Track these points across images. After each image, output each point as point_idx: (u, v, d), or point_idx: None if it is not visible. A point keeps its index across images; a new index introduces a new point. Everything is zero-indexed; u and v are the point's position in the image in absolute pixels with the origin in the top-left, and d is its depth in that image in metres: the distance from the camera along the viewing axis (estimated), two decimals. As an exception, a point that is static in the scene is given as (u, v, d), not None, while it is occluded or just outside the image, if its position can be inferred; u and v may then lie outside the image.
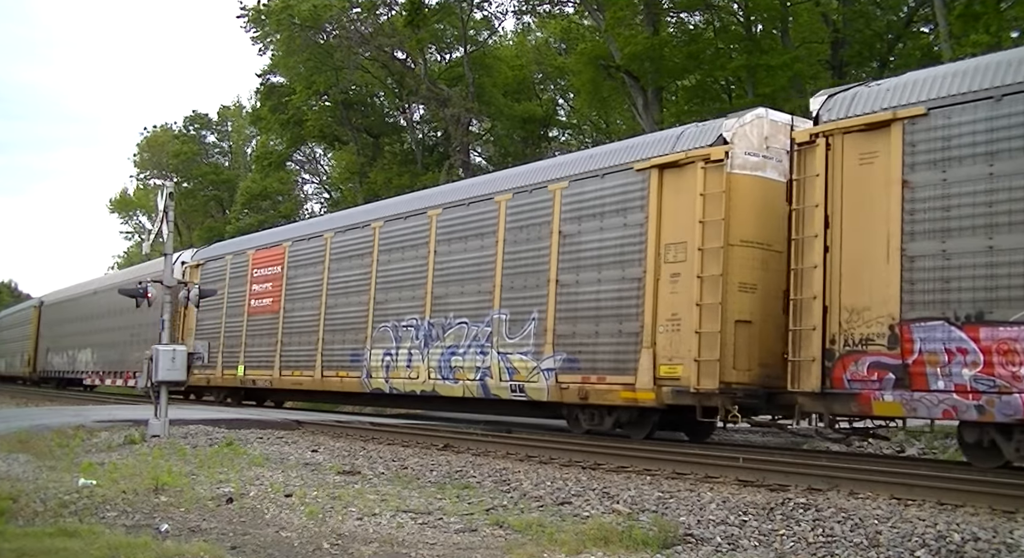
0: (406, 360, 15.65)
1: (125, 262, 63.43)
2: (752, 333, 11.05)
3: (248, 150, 53.64)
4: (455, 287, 14.94)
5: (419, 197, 17.55)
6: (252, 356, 20.49)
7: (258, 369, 20.12)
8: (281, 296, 19.65)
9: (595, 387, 12.23)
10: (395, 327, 16.02)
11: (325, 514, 6.74)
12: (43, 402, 25.27)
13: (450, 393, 14.77)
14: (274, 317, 19.79)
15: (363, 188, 37.42)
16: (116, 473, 8.47)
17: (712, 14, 27.91)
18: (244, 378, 20.67)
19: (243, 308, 21.07)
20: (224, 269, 22.43)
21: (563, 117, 41.94)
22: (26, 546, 5.41)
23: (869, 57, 27.35)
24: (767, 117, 11.69)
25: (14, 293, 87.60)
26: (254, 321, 20.63)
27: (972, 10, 17.81)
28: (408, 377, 15.56)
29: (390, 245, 16.68)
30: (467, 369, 14.29)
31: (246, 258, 21.47)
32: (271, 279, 20.25)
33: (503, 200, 14.28)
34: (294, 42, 34.52)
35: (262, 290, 20.54)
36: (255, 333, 20.54)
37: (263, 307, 20.34)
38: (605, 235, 12.49)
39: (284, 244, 20.09)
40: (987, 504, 7.00)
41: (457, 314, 14.74)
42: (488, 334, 14.01)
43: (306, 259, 19.17)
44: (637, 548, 5.63)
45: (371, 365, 16.41)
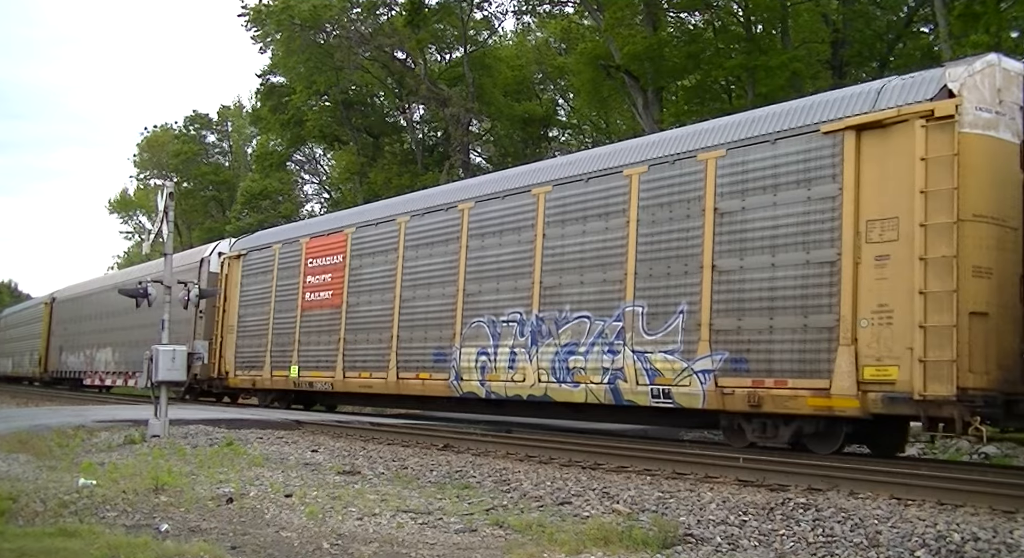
0: (507, 360, 13.74)
1: (125, 262, 63.46)
2: (988, 327, 9.16)
3: (248, 150, 53.64)
4: (572, 276, 13.04)
5: (522, 173, 15.18)
6: (308, 355, 18.56)
7: (316, 370, 18.20)
8: (343, 288, 17.67)
9: (772, 393, 10.31)
10: (492, 322, 14.13)
11: (325, 514, 6.74)
12: (43, 402, 25.24)
13: (568, 398, 12.85)
14: (335, 312, 17.85)
15: (363, 188, 37.42)
16: (116, 473, 8.47)
17: (712, 14, 27.90)
18: (299, 380, 18.71)
19: (296, 302, 19.14)
20: (271, 260, 20.42)
21: (563, 117, 41.94)
22: (26, 546, 5.40)
23: (869, 57, 27.33)
24: (999, 65, 9.70)
25: (14, 293, 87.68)
26: (309, 317, 18.68)
27: (972, 10, 17.80)
28: (511, 379, 13.65)
29: (483, 229, 14.67)
30: (591, 371, 12.42)
31: (298, 247, 19.44)
32: (330, 270, 18.23)
33: (635, 173, 12.31)
34: (294, 42, 34.52)
35: (319, 282, 18.51)
36: (311, 330, 18.59)
37: (321, 301, 18.41)
38: (780, 211, 10.52)
39: (346, 230, 18.01)
40: (987, 504, 6.99)
41: (575, 307, 12.85)
42: (618, 330, 12.14)
43: (374, 246, 17.14)
44: (637, 548, 5.63)
45: (462, 366, 14.50)
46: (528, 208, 13.92)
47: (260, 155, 45.31)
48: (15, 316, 45.54)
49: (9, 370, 43.38)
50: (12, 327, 44.78)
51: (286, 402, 20.36)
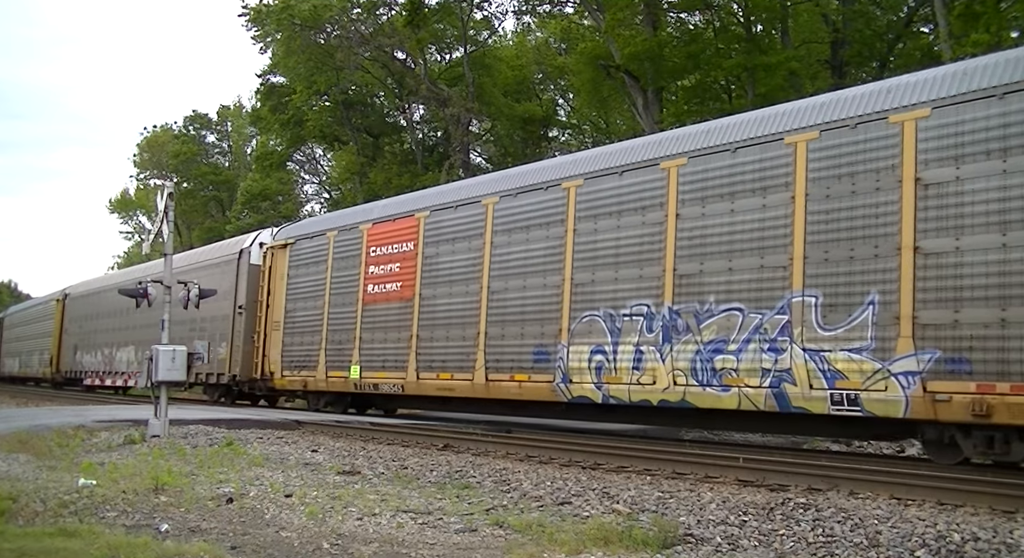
0: (631, 359, 12.02)
1: (125, 262, 63.46)
2: None
3: (248, 150, 53.65)
4: (716, 262, 11.28)
5: (646, 144, 13.05)
6: (372, 354, 16.73)
7: (382, 371, 16.36)
8: (415, 279, 15.87)
9: (1008, 400, 8.52)
10: (610, 316, 12.38)
11: (325, 514, 6.74)
12: (43, 402, 25.23)
13: (715, 404, 11.04)
14: (405, 306, 16.06)
15: (363, 188, 37.42)
16: (116, 473, 8.47)
17: (712, 14, 27.91)
18: (361, 381, 16.88)
19: (356, 295, 17.33)
20: (324, 249, 18.63)
21: (563, 117, 41.94)
22: (26, 546, 5.40)
23: (869, 57, 27.34)
24: None
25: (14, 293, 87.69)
26: (373, 311, 16.87)
27: (972, 10, 17.79)
28: (637, 382, 11.88)
29: (596, 209, 12.91)
30: (745, 372, 10.71)
31: (358, 234, 17.62)
32: (398, 258, 16.45)
33: (800, 141, 10.59)
34: (294, 42, 34.51)
35: (384, 273, 16.72)
36: (374, 326, 16.78)
37: (387, 294, 16.59)
38: (1013, 181, 8.80)
39: (418, 215, 16.21)
40: (987, 504, 7.01)
41: (722, 298, 11.14)
42: (782, 324, 10.45)
43: (454, 232, 15.31)
44: (637, 548, 5.63)
45: (570, 366, 12.76)
46: (655, 184, 12.09)
47: (260, 155, 45.31)
48: (21, 314, 43.55)
49: (16, 370, 41.50)
50: (18, 326, 42.83)
51: (341, 406, 18.66)
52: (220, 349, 21.81)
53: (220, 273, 22.36)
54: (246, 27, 35.55)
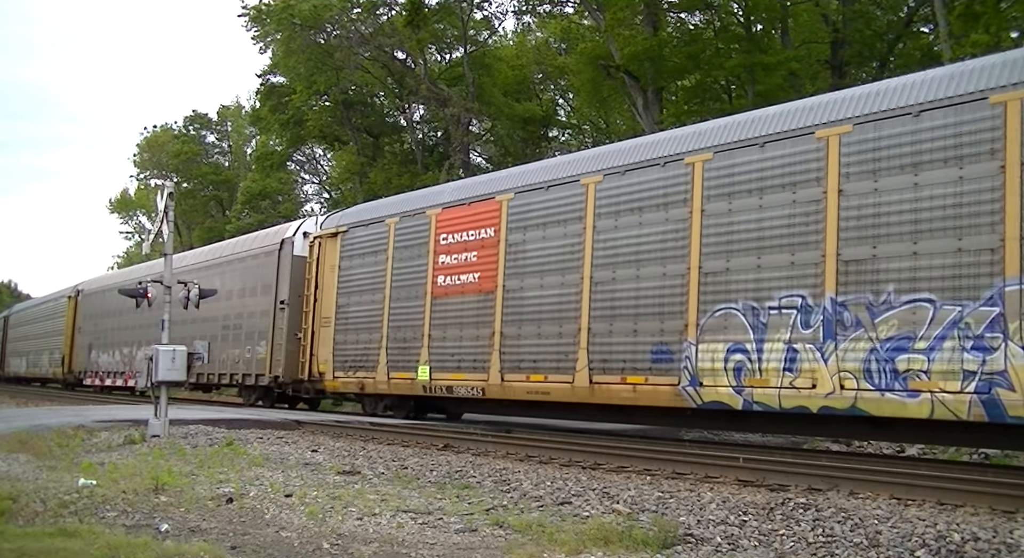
0: (783, 359, 10.42)
1: (125, 262, 63.45)
2: None
3: (248, 150, 53.67)
4: (895, 246, 9.62)
5: (800, 110, 11.07)
6: (443, 354, 15.10)
7: (457, 372, 14.73)
8: (497, 269, 14.27)
9: None
10: (752, 310, 10.81)
11: (325, 514, 6.74)
12: (43, 402, 25.22)
13: (898, 412, 9.46)
14: (485, 299, 14.43)
15: (363, 188, 37.42)
16: (116, 473, 8.47)
17: (712, 14, 27.92)
18: (431, 383, 15.23)
19: (423, 288, 15.68)
20: (383, 237, 16.88)
21: (563, 117, 41.95)
22: (26, 546, 5.40)
23: (869, 57, 27.34)
24: None
25: (14, 293, 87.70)
26: (445, 305, 15.23)
27: (972, 10, 17.79)
28: (790, 385, 10.27)
29: (729, 187, 11.30)
30: (939, 374, 9.10)
31: (425, 220, 15.92)
32: (475, 246, 14.82)
33: (1014, 100, 8.88)
34: (294, 42, 34.53)
35: (458, 262, 15.09)
36: (447, 321, 15.14)
37: (462, 286, 14.93)
38: None
39: (500, 197, 14.55)
40: (987, 504, 7.01)
41: (905, 287, 9.52)
42: (992, 318, 8.82)
43: (545, 215, 13.74)
44: (637, 548, 5.63)
45: (701, 367, 11.23)
46: (809, 157, 10.53)
47: (260, 155, 45.32)
48: (28, 312, 41.62)
49: (22, 371, 39.76)
50: (24, 324, 40.91)
51: (404, 410, 17.00)
52: (259, 348, 20.51)
53: (258, 266, 21.30)
54: (246, 27, 35.61)
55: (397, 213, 16.84)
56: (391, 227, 16.76)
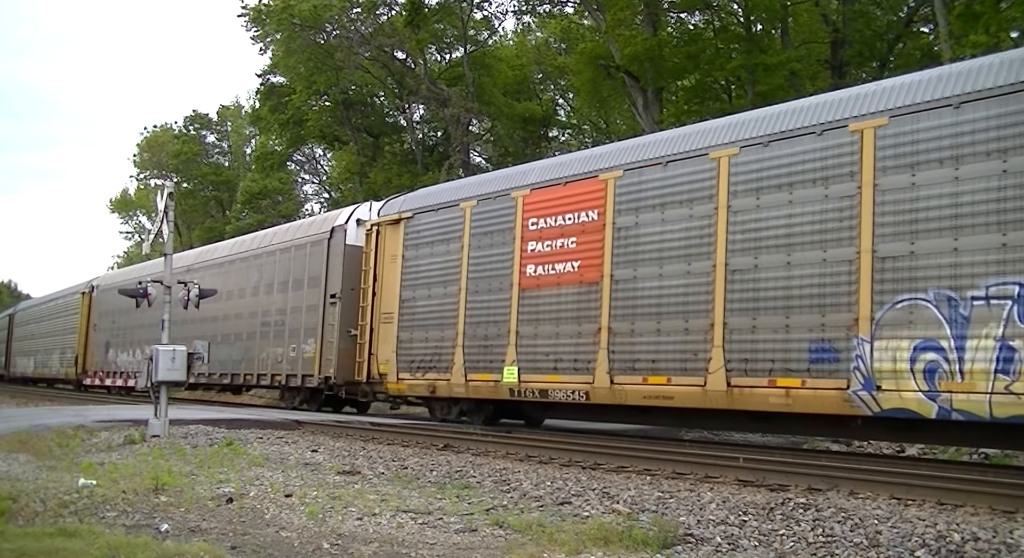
0: (994, 360, 8.84)
1: (125, 262, 63.46)
2: None
3: (248, 150, 53.69)
4: None
5: (1015, 60, 9.34)
6: (535, 353, 13.50)
7: (554, 373, 13.14)
8: (603, 256, 12.72)
9: None
10: (948, 299, 9.26)
11: (325, 514, 6.74)
12: (43, 402, 25.22)
13: None
14: (588, 291, 12.88)
15: (363, 188, 37.43)
16: (116, 473, 8.47)
17: (712, 14, 27.94)
18: (520, 386, 13.61)
19: (509, 278, 14.10)
20: (457, 223, 15.25)
21: (563, 117, 41.97)
22: (26, 546, 5.40)
23: (869, 57, 27.35)
24: None
25: (14, 293, 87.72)
26: (536, 298, 13.64)
27: (972, 10, 17.79)
28: (1006, 390, 8.69)
29: (912, 157, 9.72)
30: None
31: (510, 203, 14.34)
32: (574, 231, 13.24)
33: None
34: (294, 42, 34.56)
35: (552, 250, 13.51)
36: (539, 316, 13.54)
37: (558, 276, 13.35)
38: None
39: (604, 175, 12.96)
40: (987, 504, 7.00)
41: None
42: None
43: (663, 195, 12.13)
44: (637, 548, 5.63)
45: (878, 367, 9.69)
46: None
47: (260, 155, 45.35)
48: (35, 310, 39.61)
49: (30, 371, 37.80)
50: (32, 322, 38.95)
51: (482, 415, 15.27)
52: (306, 346, 18.93)
53: (304, 256, 19.64)
54: (246, 27, 35.65)
55: (474, 196, 15.11)
56: (467, 212, 15.03)
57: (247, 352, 21.21)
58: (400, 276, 16.25)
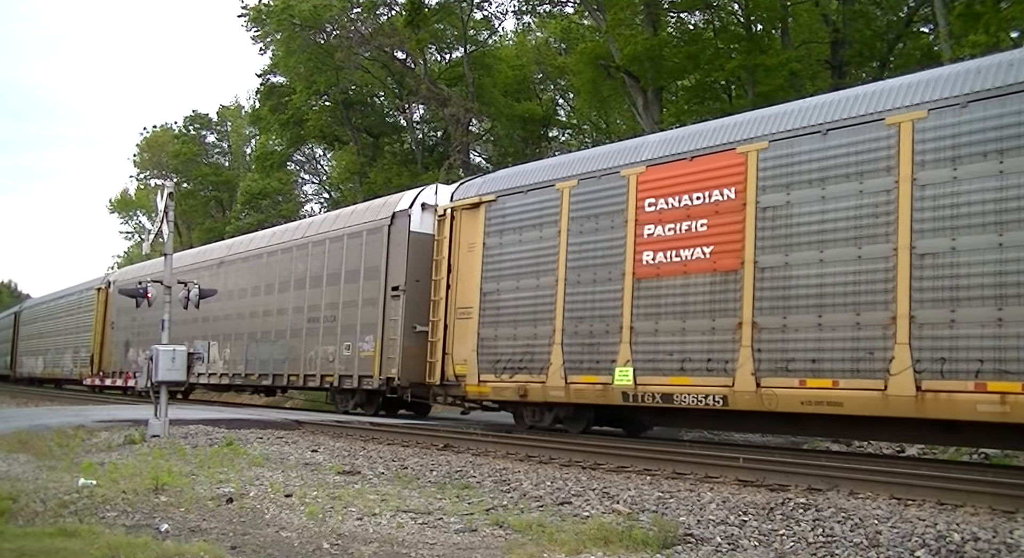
0: None
1: (125, 262, 63.47)
2: None
3: (248, 150, 53.70)
4: None
5: None
6: (655, 351, 11.99)
7: (680, 375, 11.62)
8: (743, 241, 11.16)
9: None
10: None
11: (325, 514, 6.74)
12: (43, 402, 25.22)
13: None
14: (724, 280, 11.32)
15: (363, 188, 37.44)
16: (116, 473, 8.47)
17: (712, 14, 27.94)
18: (636, 390, 12.05)
19: (619, 268, 12.54)
20: (552, 205, 13.69)
21: (563, 117, 41.98)
22: (26, 546, 5.40)
23: (869, 57, 27.36)
24: None
25: (14, 293, 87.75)
26: (655, 289, 12.08)
27: (972, 10, 17.78)
28: None
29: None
30: None
31: (620, 182, 12.78)
32: (704, 213, 11.67)
33: None
34: (294, 42, 34.56)
35: (675, 234, 11.96)
36: (660, 309, 12.00)
37: (684, 264, 11.80)
38: None
39: (743, 148, 11.42)
40: (987, 504, 7.00)
41: None
42: None
43: (823, 168, 10.58)
44: (637, 548, 5.63)
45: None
46: None
47: (260, 155, 45.34)
48: (44, 307, 37.68)
49: (39, 371, 36.22)
50: (41, 320, 37.14)
51: (582, 423, 13.66)
52: (364, 344, 17.37)
53: (359, 245, 18.08)
54: (246, 27, 35.65)
55: (573, 175, 13.57)
56: (564, 193, 13.52)
57: (291, 351, 19.68)
58: (481, 266, 14.68)
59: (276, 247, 21.41)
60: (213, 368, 22.57)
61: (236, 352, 21.74)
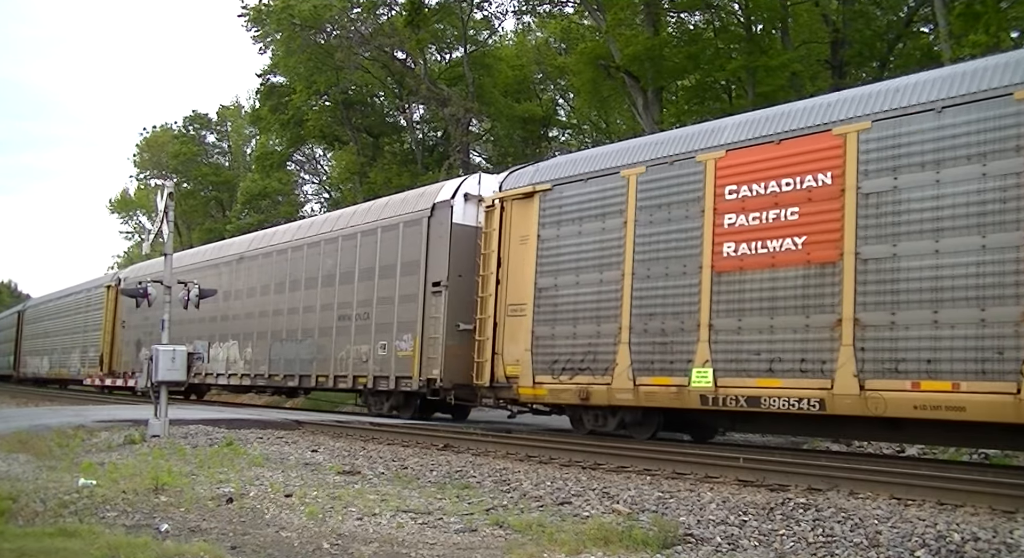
0: None
1: (125, 262, 63.47)
2: None
3: (248, 150, 53.72)
4: None
5: None
6: (738, 350, 11.12)
7: (769, 376, 10.72)
8: (843, 230, 10.25)
9: None
10: None
11: (325, 514, 6.74)
12: (43, 402, 25.22)
13: None
14: (819, 272, 10.45)
15: (363, 188, 37.45)
16: (116, 473, 8.47)
17: (712, 14, 27.95)
18: (716, 392, 11.22)
19: (696, 260, 11.70)
20: (618, 194, 12.81)
21: (563, 117, 41.98)
22: (26, 546, 5.40)
23: (869, 57, 27.37)
24: None
25: (14, 293, 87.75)
26: (739, 283, 11.24)
27: (972, 10, 17.79)
28: None
29: None
30: None
31: (695, 168, 11.91)
32: (796, 199, 10.76)
33: None
34: (294, 42, 34.57)
35: (762, 224, 11.07)
36: (743, 305, 11.16)
37: (772, 256, 10.94)
38: None
39: (840, 129, 10.50)
40: (987, 504, 7.00)
41: None
42: None
43: (938, 149, 9.67)
44: (637, 548, 5.63)
45: None
46: None
47: (260, 155, 45.36)
48: (50, 306, 36.72)
49: (44, 371, 35.21)
50: (46, 318, 36.14)
51: (651, 428, 12.71)
52: (401, 343, 16.40)
53: (396, 238, 17.06)
54: (246, 27, 35.65)
55: (641, 161, 12.67)
56: (631, 180, 12.65)
57: (319, 351, 18.70)
58: (536, 260, 13.82)
59: (301, 242, 20.45)
60: (233, 368, 21.64)
61: (258, 352, 20.88)
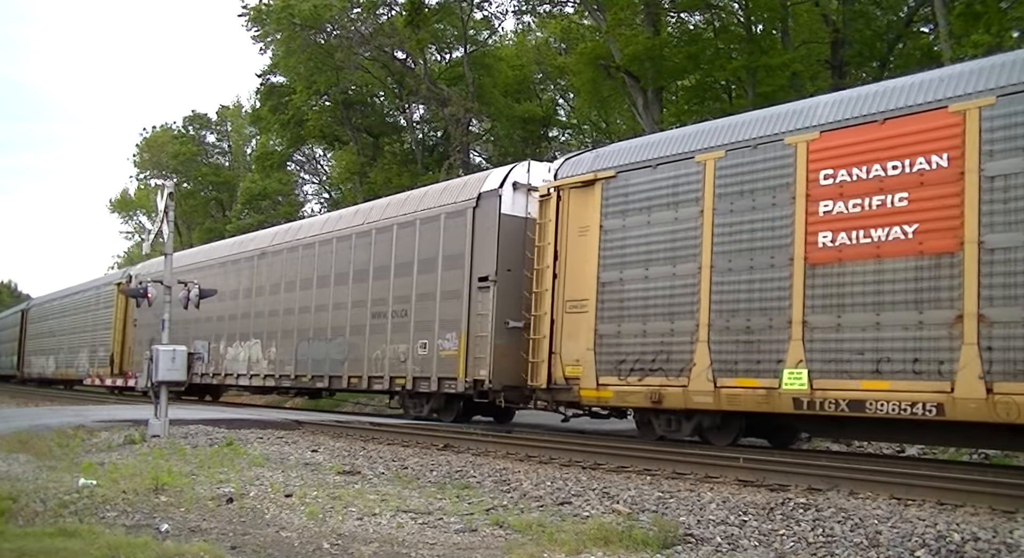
0: None
1: (125, 262, 63.47)
2: None
3: (248, 150, 53.72)
4: None
5: None
6: (837, 349, 10.07)
7: (875, 378, 9.68)
8: (962, 216, 9.23)
9: None
10: None
11: (325, 514, 6.74)
12: (43, 402, 25.23)
13: None
14: (934, 264, 9.43)
15: (363, 188, 37.45)
16: (116, 473, 8.48)
17: (712, 14, 27.96)
18: (812, 396, 10.14)
19: (786, 252, 10.68)
20: (693, 181, 11.84)
21: (563, 117, 41.98)
22: (26, 546, 5.40)
23: (869, 57, 27.37)
24: None
25: (14, 293, 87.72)
26: (837, 276, 10.22)
27: (973, 10, 17.79)
28: None
29: None
30: None
31: (783, 152, 10.91)
32: (905, 184, 9.75)
33: None
34: (294, 42, 34.57)
35: (864, 212, 10.05)
36: (842, 301, 10.12)
37: (876, 246, 9.91)
38: None
39: (958, 105, 9.45)
40: (987, 504, 7.01)
41: None
42: None
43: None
44: (637, 548, 5.63)
45: None
46: None
47: (260, 155, 45.37)
48: (56, 304, 35.71)
49: (50, 372, 34.34)
50: (51, 317, 35.23)
51: (731, 435, 11.76)
52: (445, 342, 15.38)
53: (437, 230, 16.04)
54: (246, 27, 35.66)
55: (719, 145, 11.70)
56: (708, 166, 11.69)
57: (351, 350, 17.64)
58: (598, 252, 12.86)
59: (330, 235, 19.31)
60: (256, 369, 20.70)
61: (284, 351, 19.82)
